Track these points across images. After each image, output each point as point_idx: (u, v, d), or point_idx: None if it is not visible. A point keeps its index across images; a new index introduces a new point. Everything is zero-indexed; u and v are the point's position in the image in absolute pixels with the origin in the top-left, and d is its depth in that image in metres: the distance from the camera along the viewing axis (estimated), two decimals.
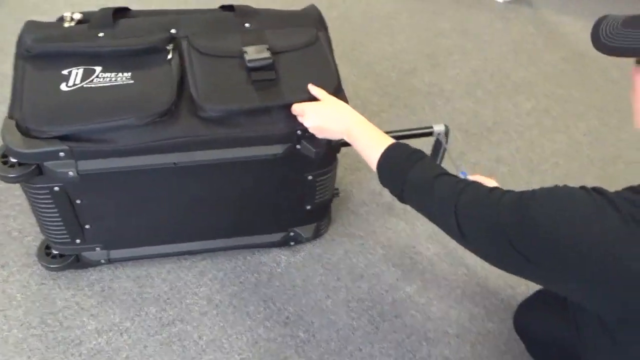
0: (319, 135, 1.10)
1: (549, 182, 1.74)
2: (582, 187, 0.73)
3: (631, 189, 0.74)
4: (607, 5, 2.51)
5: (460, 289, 1.48)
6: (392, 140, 0.98)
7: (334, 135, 1.08)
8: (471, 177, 1.03)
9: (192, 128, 1.08)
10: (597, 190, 0.73)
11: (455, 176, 0.89)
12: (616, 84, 2.20)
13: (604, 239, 0.68)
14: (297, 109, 1.10)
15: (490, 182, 1.06)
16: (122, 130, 1.05)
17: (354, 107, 1.20)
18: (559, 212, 0.70)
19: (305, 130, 1.12)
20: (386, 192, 1.61)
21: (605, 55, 0.77)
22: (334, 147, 1.22)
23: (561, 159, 1.86)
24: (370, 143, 1.00)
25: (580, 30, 2.39)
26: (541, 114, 2.02)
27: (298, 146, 1.14)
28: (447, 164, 1.13)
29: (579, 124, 2.00)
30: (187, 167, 1.14)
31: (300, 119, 1.10)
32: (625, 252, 0.67)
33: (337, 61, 1.31)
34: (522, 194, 0.76)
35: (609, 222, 0.69)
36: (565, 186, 0.75)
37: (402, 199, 0.95)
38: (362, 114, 1.94)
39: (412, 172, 0.90)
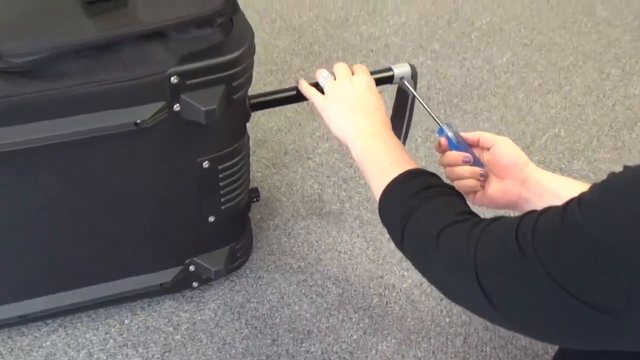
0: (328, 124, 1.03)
1: (553, 162, 1.62)
2: None
3: None
4: None
5: (462, 337, 1.28)
6: (413, 165, 0.89)
7: (336, 132, 1.00)
8: (468, 135, 0.99)
9: None
10: None
11: (476, 217, 0.80)
12: (608, 24, 2.11)
13: None
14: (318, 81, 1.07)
15: (504, 144, 0.97)
16: None
17: (267, 73, 1.04)
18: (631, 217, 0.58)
19: (186, 74, 0.95)
20: (330, 197, 1.52)
21: None
22: (238, 105, 1.05)
23: (562, 128, 1.73)
24: (381, 164, 0.91)
25: None
26: (523, 69, 1.91)
27: (176, 105, 0.98)
28: (421, 121, 1.02)
29: (574, 79, 1.90)
30: None
31: (316, 101, 1.05)
32: None
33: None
34: (565, 208, 0.65)
35: None
36: (625, 170, 0.63)
37: (402, 251, 0.85)
38: (281, 84, 1.77)
39: (415, 216, 0.82)
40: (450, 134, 0.98)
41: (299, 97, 1.08)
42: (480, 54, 1.93)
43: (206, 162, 1.08)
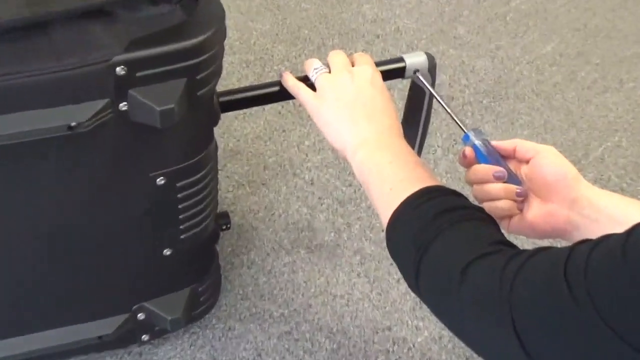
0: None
1: (612, 179, 1.64)
2: None
3: None
4: None
5: None
6: (431, 182, 0.91)
7: (331, 140, 1.02)
8: (501, 144, 1.00)
9: None
10: None
11: (513, 247, 0.82)
12: None
13: None
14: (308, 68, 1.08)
15: (548, 154, 0.98)
16: None
17: (242, 64, 1.06)
18: None
19: (136, 64, 0.96)
20: (322, 224, 1.54)
21: None
22: (203, 104, 1.07)
23: (624, 137, 1.76)
24: (389, 181, 0.93)
25: None
26: (574, 61, 1.94)
27: (123, 104, 0.98)
28: (441, 127, 1.04)
29: None
30: None
31: (301, 97, 1.06)
32: None
33: None
34: (628, 236, 0.66)
35: None
36: None
37: (418, 292, 0.87)
38: (260, 77, 1.79)
39: (434, 247, 0.83)
40: (477, 142, 1.00)
41: (282, 94, 1.10)
42: (517, 41, 1.95)
43: (161, 178, 1.09)
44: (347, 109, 1.00)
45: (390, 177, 0.92)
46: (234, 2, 2.00)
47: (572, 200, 0.94)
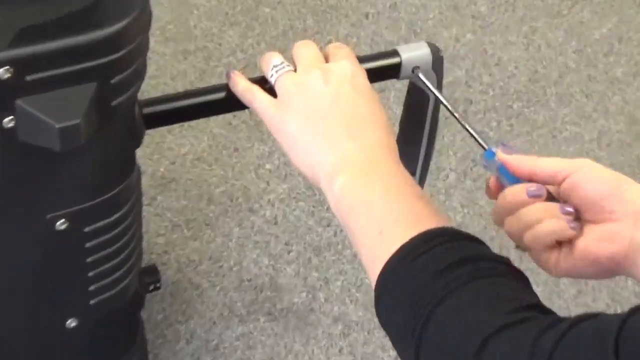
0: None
1: None
2: None
3: None
4: None
5: None
6: (438, 221, 0.92)
7: (299, 164, 1.03)
8: (512, 162, 1.01)
9: None
10: None
11: (547, 313, 0.84)
12: None
13: None
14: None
15: (588, 169, 0.99)
16: None
17: (179, 57, 0.97)
18: None
19: (25, 63, 0.96)
20: (290, 281, 1.56)
21: None
22: (121, 118, 1.08)
23: None
24: (379, 220, 0.95)
25: None
26: (638, 48, 1.96)
27: (8, 119, 0.98)
28: (455, 142, 1.03)
29: None
30: None
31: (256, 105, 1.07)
32: None
33: None
34: None
35: None
36: None
37: None
38: (202, 76, 1.81)
39: (440, 315, 0.85)
40: (505, 158, 0.99)
41: (230, 103, 1.10)
42: (560, 22, 1.97)
43: (62, 220, 1.10)
44: (320, 120, 1.01)
45: (380, 215, 0.94)
46: None
47: (634, 214, 0.95)
